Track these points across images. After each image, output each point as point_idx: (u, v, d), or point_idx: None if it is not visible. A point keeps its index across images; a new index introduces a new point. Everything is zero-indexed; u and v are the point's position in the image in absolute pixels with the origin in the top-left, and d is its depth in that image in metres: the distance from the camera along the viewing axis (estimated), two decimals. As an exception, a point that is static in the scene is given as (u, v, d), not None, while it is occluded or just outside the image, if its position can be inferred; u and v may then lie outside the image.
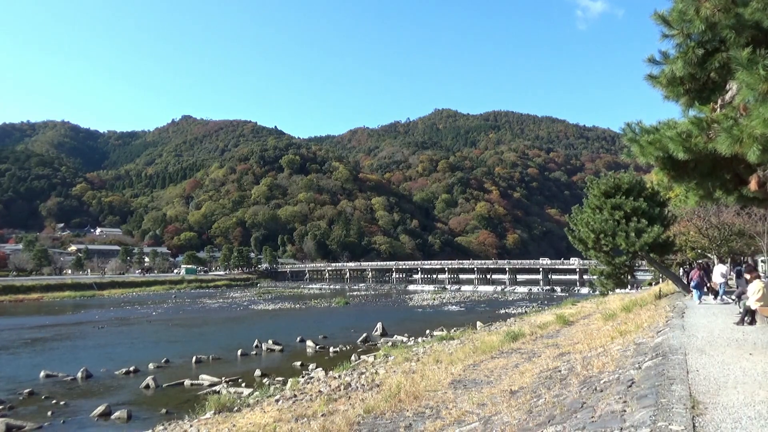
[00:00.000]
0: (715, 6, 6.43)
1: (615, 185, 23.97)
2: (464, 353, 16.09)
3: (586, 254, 26.92)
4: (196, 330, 39.79)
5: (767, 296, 11.92)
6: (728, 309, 15.15)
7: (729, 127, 6.08)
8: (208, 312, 55.19)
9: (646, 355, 8.63)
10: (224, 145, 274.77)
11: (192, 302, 68.39)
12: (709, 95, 7.44)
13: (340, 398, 12.98)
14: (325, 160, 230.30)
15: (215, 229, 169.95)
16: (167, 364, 25.21)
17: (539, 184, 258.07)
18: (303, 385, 17.31)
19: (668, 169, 7.81)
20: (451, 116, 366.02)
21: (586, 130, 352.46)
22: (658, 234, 21.82)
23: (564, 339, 15.67)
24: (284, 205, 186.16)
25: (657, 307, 18.40)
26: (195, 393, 18.93)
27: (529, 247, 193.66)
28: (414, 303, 64.34)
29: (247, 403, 15.25)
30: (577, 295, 62.74)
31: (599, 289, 30.89)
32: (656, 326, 12.54)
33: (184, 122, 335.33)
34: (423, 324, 37.56)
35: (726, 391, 5.84)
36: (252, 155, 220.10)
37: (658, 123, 7.69)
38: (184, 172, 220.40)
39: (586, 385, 7.75)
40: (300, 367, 23.07)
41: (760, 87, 5.44)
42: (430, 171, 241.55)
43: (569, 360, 10.85)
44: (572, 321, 21.64)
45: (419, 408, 9.67)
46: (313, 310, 55.53)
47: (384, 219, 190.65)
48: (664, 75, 7.53)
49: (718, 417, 4.89)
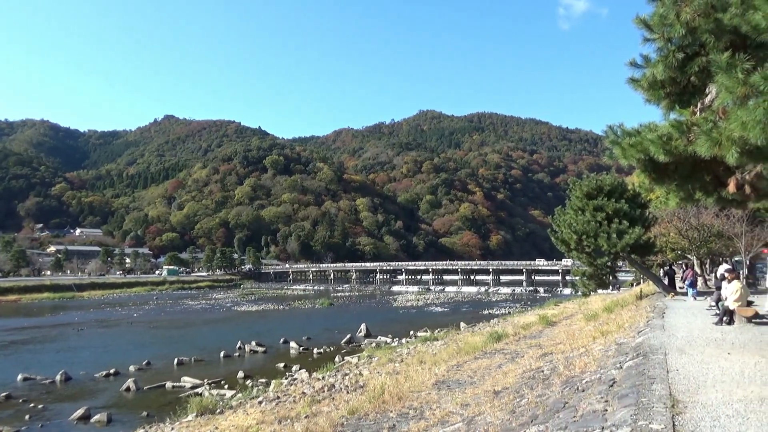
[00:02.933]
0: (695, 11, 6.54)
1: (597, 187, 24.22)
2: (448, 354, 16.13)
3: (568, 255, 27.18)
4: (178, 332, 39.37)
5: (745, 296, 12.14)
6: (708, 309, 15.36)
7: (708, 130, 6.17)
8: (190, 313, 54.65)
9: (627, 354, 8.72)
10: (207, 146, 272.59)
11: (174, 304, 67.68)
12: (689, 99, 7.55)
13: (324, 399, 12.93)
14: (309, 160, 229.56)
15: (198, 229, 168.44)
16: (148, 367, 24.91)
17: (523, 186, 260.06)
18: (286, 386, 17.21)
19: (649, 171, 7.91)
20: (436, 117, 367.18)
21: (569, 132, 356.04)
22: (639, 235, 22.09)
23: (547, 339, 15.78)
24: (268, 206, 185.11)
25: (638, 307, 18.62)
26: (177, 395, 18.73)
27: (512, 248, 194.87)
28: (398, 304, 64.38)
29: (230, 405, 15.12)
30: (559, 295, 63.28)
31: (581, 290, 31.18)
32: (637, 326, 12.68)
33: (167, 122, 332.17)
34: (407, 325, 37.59)
35: (705, 390, 5.92)
36: (235, 155, 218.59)
37: (640, 126, 7.78)
38: (167, 173, 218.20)
39: (568, 385, 7.81)
40: (283, 369, 22.95)
41: (739, 90, 5.53)
42: (414, 172, 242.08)
43: (552, 360, 10.93)
44: (555, 321, 21.80)
45: (403, 409, 9.66)
46: (296, 311, 55.29)
47: (368, 220, 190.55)
48: (646, 78, 7.63)
49: (697, 416, 4.96)
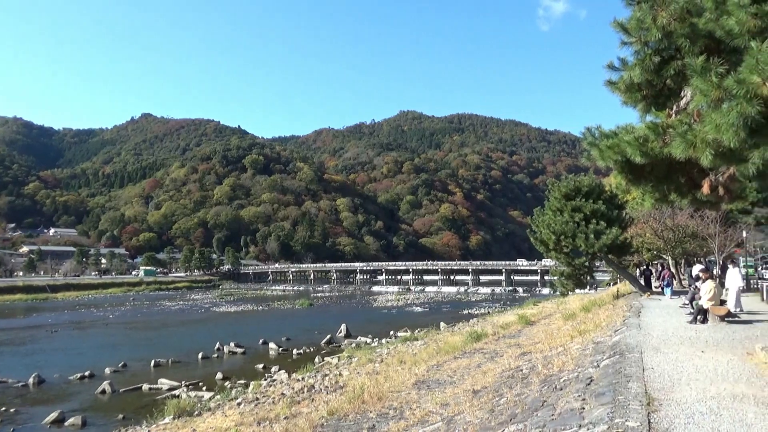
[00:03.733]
0: (671, 15, 6.65)
1: (575, 188, 24.50)
2: (428, 354, 16.18)
3: (547, 255, 27.43)
4: (155, 333, 38.83)
5: (718, 296, 12.39)
6: (681, 307, 15.65)
7: (683, 133, 6.28)
8: (167, 314, 53.93)
9: (604, 353, 8.84)
10: (186, 144, 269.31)
11: (151, 305, 66.72)
12: (665, 101, 7.68)
13: (304, 400, 12.87)
14: (289, 160, 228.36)
15: (176, 229, 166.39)
16: (124, 369, 24.51)
17: (502, 187, 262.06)
18: (265, 387, 17.10)
19: (626, 173, 8.03)
20: (416, 118, 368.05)
21: (548, 133, 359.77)
22: (616, 236, 22.41)
23: (526, 339, 15.93)
24: (247, 206, 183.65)
25: (615, 306, 18.90)
26: (153, 398, 18.47)
27: (492, 248, 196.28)
28: (378, 304, 64.38)
29: (208, 407, 14.97)
30: (538, 295, 63.92)
31: (560, 290, 31.47)
32: (614, 325, 12.87)
33: (144, 120, 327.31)
34: (387, 325, 37.60)
35: (680, 388, 6.03)
36: (214, 155, 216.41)
37: (617, 128, 7.90)
38: (144, 172, 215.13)
39: (546, 384, 7.88)
40: (263, 370, 22.76)
41: (713, 94, 5.64)
42: (394, 172, 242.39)
43: (531, 359, 11.03)
44: (534, 321, 22.02)
45: (383, 409, 9.66)
46: (276, 312, 54.93)
47: (348, 220, 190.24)
48: (623, 81, 7.75)
49: (672, 413, 5.04)
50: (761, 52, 5.30)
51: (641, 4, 7.09)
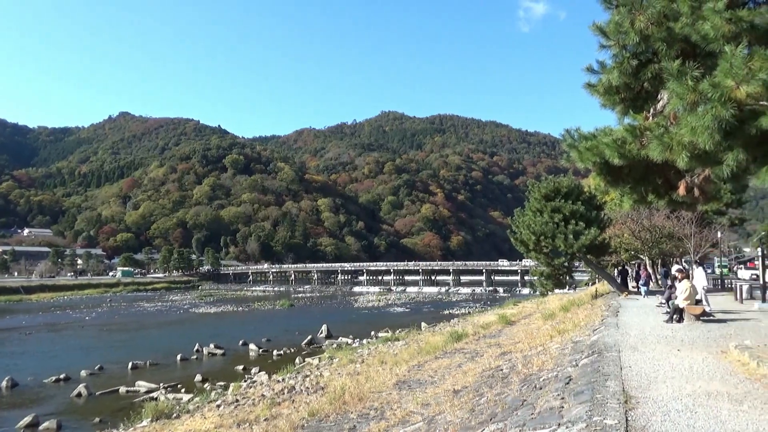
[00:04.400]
0: (649, 19, 6.75)
1: (555, 189, 24.78)
2: (409, 354, 16.20)
3: (527, 255, 27.69)
4: (133, 335, 38.28)
5: (693, 295, 12.63)
6: (658, 306, 15.91)
7: (660, 135, 6.39)
8: (145, 316, 53.21)
9: (583, 352, 8.94)
10: (164, 144, 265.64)
11: (128, 306, 65.78)
12: (643, 104, 7.80)
13: (284, 402, 12.80)
14: (270, 160, 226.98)
15: (154, 230, 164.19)
16: (101, 371, 24.13)
17: (483, 187, 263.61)
18: (245, 389, 16.97)
19: (604, 174, 8.14)
20: (398, 119, 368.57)
21: (528, 135, 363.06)
22: (595, 236, 22.72)
23: (506, 338, 16.04)
24: (227, 206, 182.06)
25: (593, 306, 19.14)
26: (131, 400, 18.21)
27: (472, 248, 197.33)
28: (359, 304, 64.31)
29: (187, 409, 14.82)
30: (518, 295, 64.45)
31: (539, 290, 31.79)
32: (592, 325, 13.03)
33: (122, 119, 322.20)
34: (368, 325, 37.57)
35: (656, 386, 6.13)
36: (194, 154, 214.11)
37: (596, 130, 8.00)
38: (122, 171, 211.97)
39: (526, 383, 7.95)
40: (242, 371, 22.58)
41: (689, 97, 5.74)
42: (376, 173, 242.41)
43: (511, 359, 11.11)
44: (514, 321, 22.18)
45: (364, 409, 9.65)
46: (256, 313, 54.54)
47: (330, 220, 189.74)
48: (602, 84, 7.85)
49: (649, 411, 5.12)
50: (735, 56, 5.41)
51: (620, 8, 7.19)
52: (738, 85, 5.33)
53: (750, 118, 5.46)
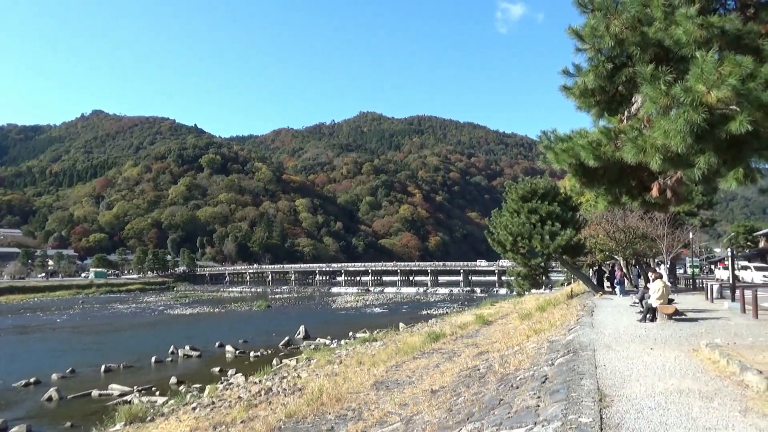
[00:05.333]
0: (623, 24, 6.87)
1: (531, 190, 25.07)
2: (387, 354, 16.22)
3: (504, 256, 27.94)
4: (106, 337, 37.56)
5: (666, 295, 12.88)
6: (632, 306, 16.20)
7: (634, 138, 6.50)
8: (119, 317, 52.26)
9: (559, 352, 9.05)
10: (139, 143, 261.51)
11: (102, 308, 64.54)
12: (617, 107, 7.93)
13: (261, 403, 12.71)
14: (247, 160, 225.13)
15: (128, 230, 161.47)
16: (73, 374, 23.64)
17: (461, 188, 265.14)
18: (222, 391, 16.80)
19: (580, 176, 8.25)
20: (376, 119, 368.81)
21: (506, 136, 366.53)
22: (571, 237, 23.04)
23: (483, 338, 16.15)
24: (204, 206, 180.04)
25: (569, 306, 19.40)
26: (104, 404, 17.87)
27: (450, 249, 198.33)
28: (337, 305, 64.13)
29: (162, 412, 14.61)
30: (495, 295, 64.90)
31: (516, 290, 32.13)
32: (568, 324, 13.20)
33: (95, 117, 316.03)
34: (346, 326, 37.49)
35: (630, 384, 6.23)
36: (170, 154, 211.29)
37: (572, 132, 8.10)
38: (95, 170, 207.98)
39: (503, 383, 8.02)
40: (219, 373, 22.33)
41: (662, 101, 5.86)
42: (354, 173, 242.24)
43: (488, 359, 11.19)
44: (491, 321, 22.36)
45: (341, 410, 9.63)
46: (233, 314, 54.01)
47: (308, 221, 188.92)
48: (577, 87, 7.96)
49: (623, 408, 5.21)
50: (706, 61, 5.54)
51: (595, 12, 7.30)
52: (709, 89, 5.46)
53: (720, 122, 5.59)
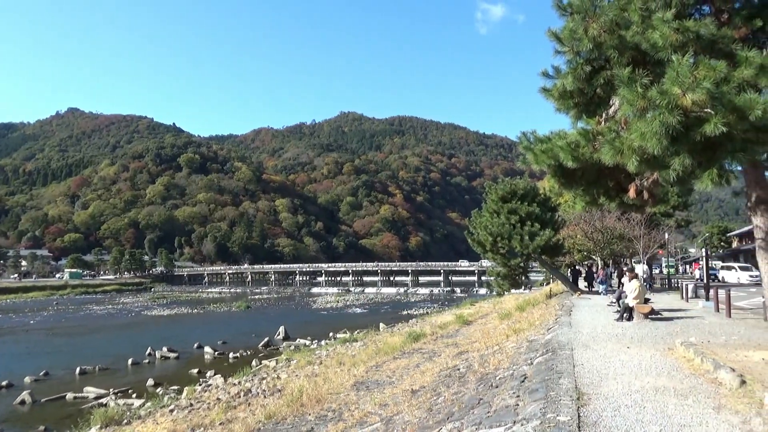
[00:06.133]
0: (602, 27, 6.97)
1: (511, 191, 25.25)
2: (367, 355, 16.20)
3: (484, 256, 28.11)
4: (82, 339, 36.90)
5: (642, 294, 13.09)
6: (609, 305, 16.43)
7: (612, 139, 6.60)
8: (95, 319, 51.38)
9: (538, 351, 9.14)
10: (116, 141, 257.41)
11: (77, 309, 63.41)
12: (596, 109, 8.05)
13: (240, 405, 12.60)
14: (226, 159, 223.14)
15: (105, 230, 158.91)
16: (46, 377, 23.20)
17: (441, 189, 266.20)
18: (200, 393, 16.62)
19: (559, 176, 8.35)
20: (357, 119, 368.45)
21: (486, 137, 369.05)
22: (550, 237, 23.27)
23: (463, 338, 16.23)
24: (182, 206, 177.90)
25: (548, 306, 19.59)
26: (79, 407, 17.57)
27: (431, 249, 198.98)
28: (318, 305, 63.92)
29: (138, 415, 14.39)
30: (475, 295, 65.25)
31: (496, 290, 32.31)
32: (547, 324, 13.33)
33: (71, 115, 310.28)
34: (326, 327, 37.37)
35: (607, 382, 6.31)
36: (147, 153, 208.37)
37: (551, 133, 8.20)
38: (70, 169, 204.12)
39: (483, 382, 8.06)
40: (197, 375, 22.11)
41: (638, 103, 5.95)
42: (335, 173, 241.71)
43: (468, 358, 11.25)
44: (471, 321, 22.48)
45: (322, 411, 9.59)
46: (212, 315, 53.48)
47: (288, 221, 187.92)
48: (556, 88, 8.05)
49: (600, 406, 5.27)
50: (681, 65, 5.64)
51: (574, 15, 7.39)
52: (684, 92, 5.57)
53: (695, 124, 5.70)
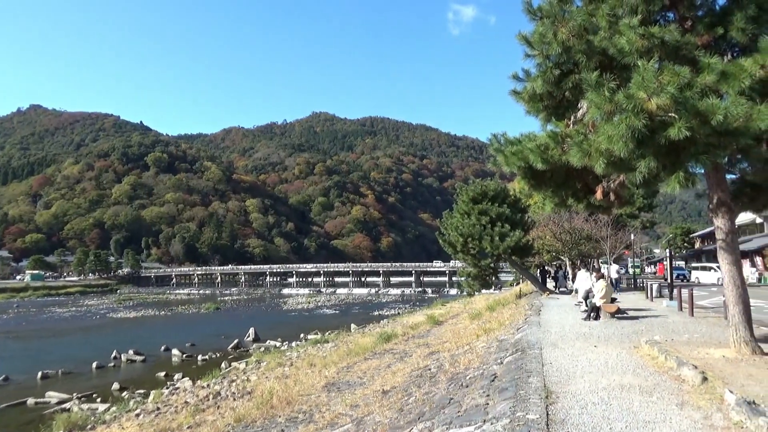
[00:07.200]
0: (570, 32, 7.10)
1: (482, 192, 25.51)
2: (338, 356, 16.15)
3: (455, 257, 28.31)
4: (43, 342, 35.83)
5: (609, 294, 13.36)
6: (576, 305, 16.72)
7: (580, 142, 6.72)
8: (57, 322, 49.97)
9: (507, 350, 9.24)
10: (81, 140, 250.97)
11: (38, 312, 61.57)
12: (564, 112, 8.19)
13: (209, 408, 12.42)
14: (195, 159, 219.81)
15: (68, 230, 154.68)
16: (6, 382, 22.47)
17: (413, 190, 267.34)
18: (167, 396, 16.32)
19: (529, 178, 8.47)
20: (329, 120, 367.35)
21: (457, 139, 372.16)
22: (519, 238, 23.59)
23: (434, 338, 16.31)
24: (149, 206, 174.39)
25: (517, 305, 19.84)
26: (40, 413, 17.04)
27: (402, 250, 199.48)
28: (288, 307, 63.44)
29: (103, 419, 14.07)
30: (446, 296, 65.69)
31: (467, 290, 32.61)
32: (516, 324, 13.50)
33: (33, 112, 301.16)
34: (297, 328, 37.12)
35: (575, 381, 6.42)
36: (113, 151, 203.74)
37: (521, 135, 8.31)
38: (32, 168, 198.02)
39: (453, 382, 8.12)
40: (165, 378, 21.70)
41: (605, 107, 6.08)
42: (306, 174, 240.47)
43: (438, 358, 11.31)
44: (442, 321, 22.61)
45: (292, 413, 9.52)
46: (180, 317, 52.58)
47: (258, 221, 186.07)
48: (526, 91, 8.17)
49: (568, 404, 5.36)
50: (647, 70, 5.79)
51: (544, 20, 7.51)
52: (649, 97, 5.71)
53: (660, 128, 5.85)
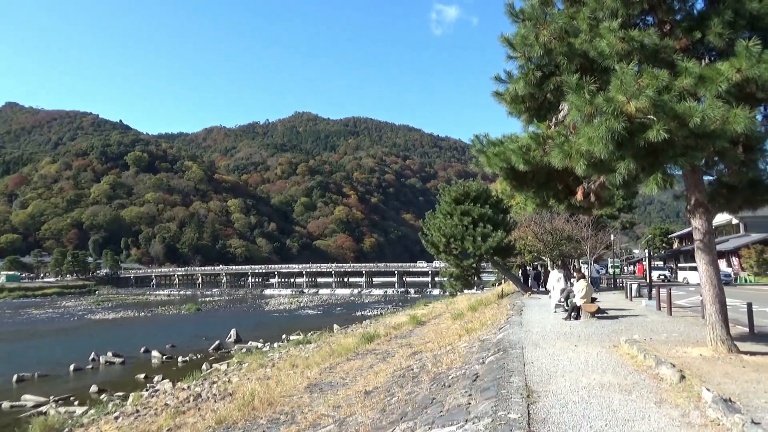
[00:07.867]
0: (552, 34, 7.17)
1: (464, 193, 25.63)
2: (321, 356, 16.10)
3: (438, 257, 28.41)
4: (19, 345, 35.13)
5: (589, 294, 13.52)
6: (559, 306, 16.87)
7: (561, 143, 6.80)
8: (33, 323, 49.06)
9: (489, 350, 9.30)
10: (58, 138, 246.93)
11: (14, 313, 60.41)
12: (546, 114, 8.27)
13: (189, 410, 12.30)
14: (176, 158, 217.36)
15: (45, 230, 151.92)
16: (-20, 386, 21.95)
17: (396, 190, 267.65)
18: (147, 398, 16.13)
19: (511, 179, 8.53)
20: (312, 120, 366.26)
21: (440, 139, 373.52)
22: (501, 238, 23.74)
23: (417, 338, 16.34)
24: (129, 206, 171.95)
25: (500, 306, 19.98)
26: (16, 416, 16.72)
27: (385, 250, 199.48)
28: (270, 307, 63.11)
29: (81, 423, 13.84)
30: (429, 296, 65.91)
31: (449, 290, 32.69)
32: (498, 323, 13.59)
33: (9, 110, 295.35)
34: (279, 329, 36.94)
35: (556, 380, 6.49)
36: (92, 150, 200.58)
37: (503, 136, 8.38)
38: (7, 167, 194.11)
39: (436, 382, 8.14)
40: (144, 380, 21.42)
41: (586, 109, 6.15)
42: (289, 174, 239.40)
43: (421, 358, 11.33)
44: (424, 321, 22.66)
45: (274, 414, 9.46)
46: (160, 318, 51.97)
47: (240, 222, 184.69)
48: (509, 93, 8.23)
49: (549, 403, 5.42)
50: (626, 73, 5.87)
51: (526, 22, 7.58)
52: (628, 100, 5.79)
53: (639, 130, 5.94)
